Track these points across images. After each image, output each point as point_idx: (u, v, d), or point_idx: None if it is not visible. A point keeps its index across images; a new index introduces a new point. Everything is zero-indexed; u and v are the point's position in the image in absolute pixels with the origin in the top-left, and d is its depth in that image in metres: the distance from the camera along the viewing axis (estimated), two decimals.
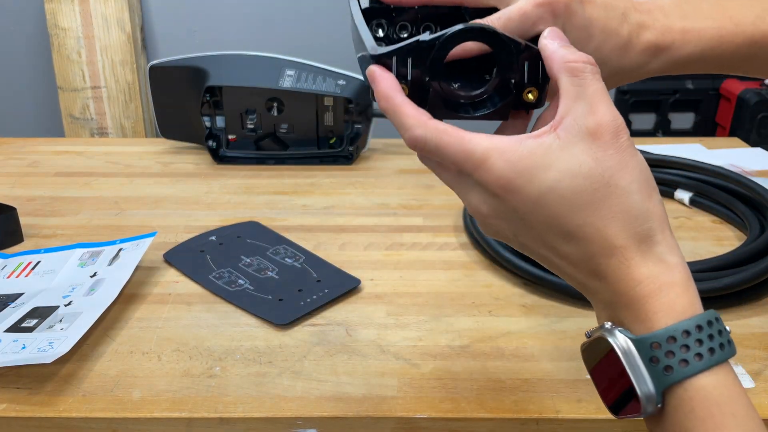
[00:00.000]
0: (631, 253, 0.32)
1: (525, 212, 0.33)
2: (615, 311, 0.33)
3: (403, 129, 0.35)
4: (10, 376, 0.51)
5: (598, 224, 0.32)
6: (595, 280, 0.33)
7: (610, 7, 0.39)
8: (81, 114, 1.87)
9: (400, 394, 0.50)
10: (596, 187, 0.31)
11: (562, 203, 0.32)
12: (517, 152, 0.32)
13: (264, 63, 0.93)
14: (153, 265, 0.68)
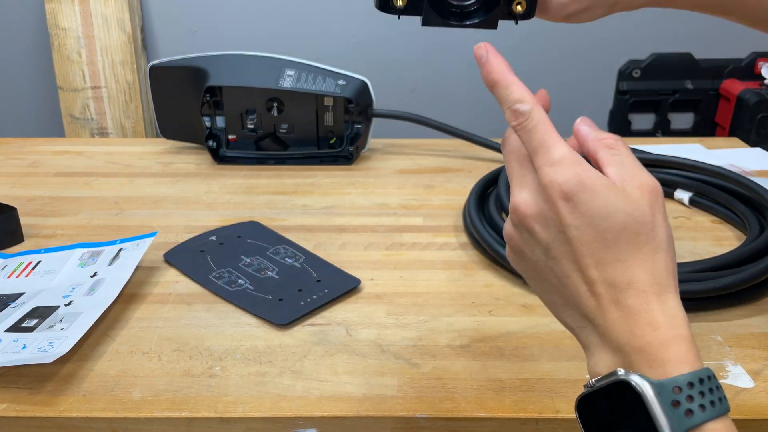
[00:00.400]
0: (652, 298, 0.33)
1: (572, 225, 0.33)
2: (625, 354, 0.33)
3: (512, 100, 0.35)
4: (11, 376, 0.51)
5: (632, 263, 0.33)
6: (614, 312, 0.33)
7: None
8: (81, 114, 1.87)
9: (400, 394, 0.50)
10: (641, 232, 0.33)
11: (611, 231, 0.33)
12: (590, 172, 0.33)
13: (264, 63, 0.93)
14: (153, 265, 0.68)
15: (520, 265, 0.38)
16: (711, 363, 0.53)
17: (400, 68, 1.89)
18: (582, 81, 1.92)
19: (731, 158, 0.96)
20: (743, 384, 0.50)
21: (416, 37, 1.84)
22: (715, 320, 0.58)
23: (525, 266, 0.37)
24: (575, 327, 0.35)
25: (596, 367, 0.34)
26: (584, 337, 0.35)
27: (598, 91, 1.95)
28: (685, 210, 0.80)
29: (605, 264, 0.33)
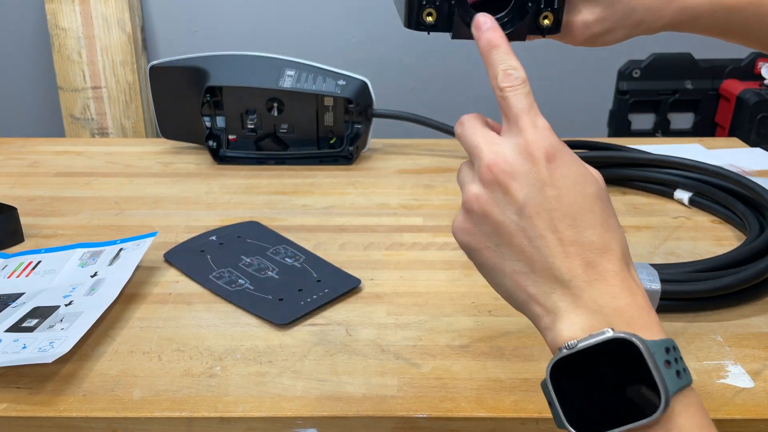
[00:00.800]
0: (625, 266, 0.34)
1: (552, 185, 0.34)
2: (605, 315, 0.33)
3: (508, 65, 0.36)
4: (11, 376, 0.51)
5: (607, 230, 0.34)
6: (591, 274, 0.33)
7: None
8: (81, 114, 1.87)
9: (400, 394, 0.50)
10: (609, 205, 0.35)
11: (588, 197, 0.34)
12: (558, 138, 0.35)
13: (264, 63, 0.93)
14: (153, 265, 0.68)
15: (476, 232, 0.36)
16: (711, 363, 0.53)
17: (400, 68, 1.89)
18: (582, 81, 1.92)
19: (731, 158, 0.96)
20: (743, 384, 0.50)
21: (416, 37, 1.84)
22: (715, 320, 0.58)
23: (485, 230, 0.36)
24: (539, 294, 0.34)
25: (568, 331, 0.33)
26: (550, 303, 0.34)
27: (598, 91, 1.95)
28: (685, 210, 0.80)
29: (583, 227, 0.34)
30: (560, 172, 0.34)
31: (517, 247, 0.35)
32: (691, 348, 0.55)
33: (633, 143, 0.94)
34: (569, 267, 0.33)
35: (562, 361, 0.33)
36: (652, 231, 0.75)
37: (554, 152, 0.34)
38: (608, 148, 0.87)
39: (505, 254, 0.35)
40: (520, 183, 0.34)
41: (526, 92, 0.35)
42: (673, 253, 0.70)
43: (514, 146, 0.35)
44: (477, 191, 0.36)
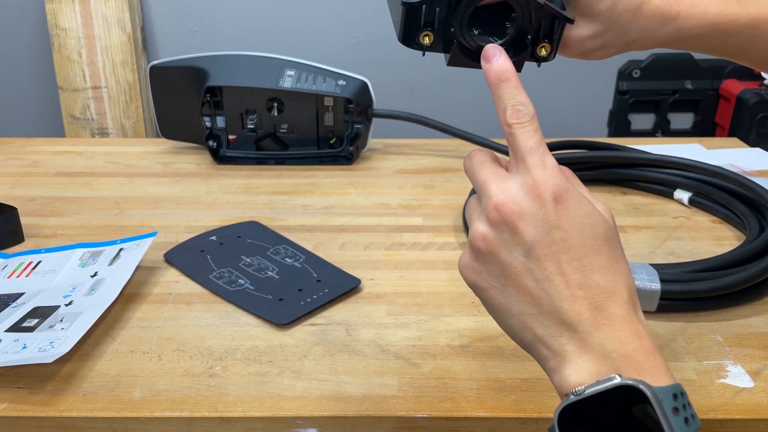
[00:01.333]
0: (632, 309, 0.34)
1: (560, 227, 0.34)
2: (612, 361, 0.32)
3: (517, 100, 0.36)
4: (11, 376, 0.51)
5: (614, 273, 0.34)
6: (598, 318, 0.33)
7: None
8: (81, 114, 1.87)
9: (400, 394, 0.50)
10: (618, 247, 0.35)
11: (596, 239, 0.34)
12: (565, 178, 0.35)
13: (264, 63, 0.93)
14: (153, 265, 0.68)
15: (483, 271, 0.36)
16: (711, 363, 0.53)
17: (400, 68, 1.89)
18: (582, 81, 1.92)
19: (731, 158, 0.96)
20: (743, 384, 0.50)
21: None
22: (715, 320, 0.58)
23: (492, 271, 0.36)
24: (546, 336, 0.34)
25: (575, 376, 0.33)
26: (558, 346, 0.34)
27: (598, 91, 1.95)
28: (685, 210, 0.80)
29: (590, 270, 0.33)
30: (567, 213, 0.34)
31: (524, 289, 0.34)
32: (691, 348, 0.55)
33: (633, 143, 0.94)
34: (577, 311, 0.33)
35: (569, 407, 0.32)
36: (652, 231, 0.75)
37: (562, 193, 0.34)
38: (608, 148, 0.87)
39: (512, 295, 0.35)
40: (528, 224, 0.34)
41: (534, 129, 0.35)
42: (673, 253, 0.70)
43: (521, 185, 0.34)
44: (484, 231, 0.35)
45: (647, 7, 0.42)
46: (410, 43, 0.38)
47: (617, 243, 0.35)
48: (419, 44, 0.38)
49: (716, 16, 0.43)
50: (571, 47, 0.44)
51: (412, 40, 0.38)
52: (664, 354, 0.54)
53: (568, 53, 0.45)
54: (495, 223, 0.35)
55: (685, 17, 0.43)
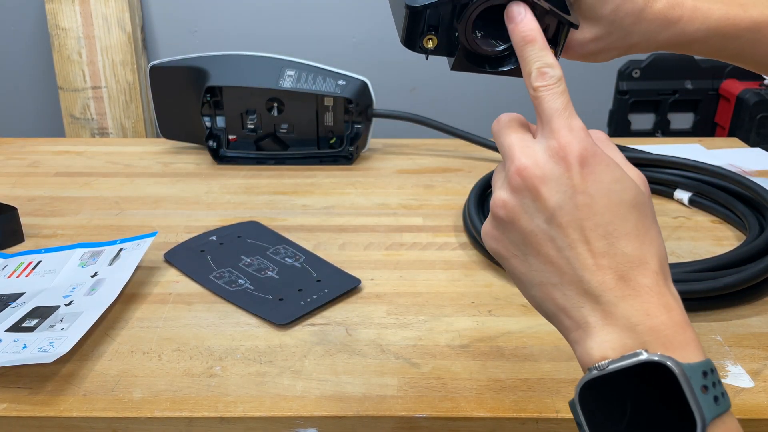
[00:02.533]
0: (662, 280, 0.32)
1: (585, 192, 0.32)
2: (639, 334, 0.31)
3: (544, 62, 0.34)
4: (11, 376, 0.51)
5: (643, 240, 0.32)
6: (624, 289, 0.31)
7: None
8: (81, 114, 1.87)
9: (400, 394, 0.50)
10: (648, 214, 0.33)
11: (623, 205, 0.32)
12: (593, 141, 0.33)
13: (264, 63, 0.93)
14: (153, 265, 0.68)
15: (504, 239, 0.35)
16: None
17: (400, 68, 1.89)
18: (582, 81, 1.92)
19: (731, 158, 0.96)
20: (743, 384, 0.50)
21: None
22: (715, 320, 0.58)
23: (513, 238, 0.34)
24: (569, 307, 0.33)
25: (598, 349, 0.31)
26: (580, 316, 0.32)
27: (598, 91, 1.95)
28: (685, 210, 0.80)
29: (617, 236, 0.32)
30: (594, 177, 0.32)
31: (545, 257, 0.33)
32: None
33: (633, 143, 0.94)
34: (601, 280, 0.32)
35: (591, 381, 0.31)
36: None
37: (588, 156, 0.32)
38: None
39: (533, 264, 0.34)
40: (551, 189, 0.32)
41: (561, 91, 0.34)
42: (673, 253, 0.70)
43: (546, 149, 0.33)
44: (505, 197, 0.34)
45: (650, 11, 0.42)
46: (413, 46, 0.38)
47: (648, 210, 0.33)
48: (422, 48, 0.38)
49: (718, 20, 0.43)
50: (573, 50, 0.44)
51: (416, 43, 0.38)
52: None
53: (570, 56, 0.45)
54: (516, 189, 0.33)
55: (687, 21, 0.42)
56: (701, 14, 0.42)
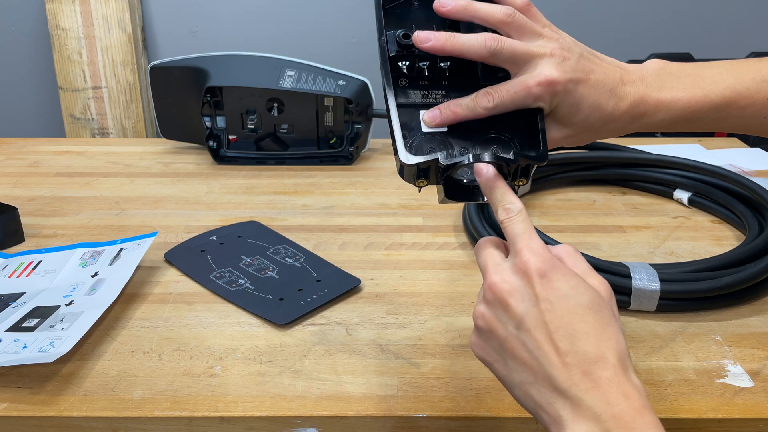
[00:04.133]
0: (620, 371, 0.35)
1: (546, 299, 0.36)
2: (602, 422, 0.34)
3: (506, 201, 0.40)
4: (12, 376, 0.52)
5: (600, 338, 0.36)
6: (587, 383, 0.35)
7: (600, 84, 0.44)
8: (82, 114, 1.87)
9: (400, 394, 0.50)
10: (605, 313, 0.37)
11: (579, 308, 0.36)
12: (560, 261, 0.38)
13: (264, 63, 0.93)
14: (154, 265, 0.68)
15: (487, 347, 0.39)
16: (710, 363, 0.53)
17: None
18: None
19: (731, 158, 0.96)
20: (742, 383, 0.50)
21: None
22: (715, 320, 0.58)
23: (494, 345, 0.39)
24: (544, 403, 0.36)
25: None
26: (554, 411, 0.36)
27: None
28: (685, 210, 0.80)
29: (576, 337, 0.35)
30: (552, 286, 0.36)
31: (520, 359, 0.37)
32: (690, 348, 0.55)
33: (633, 143, 0.94)
34: (567, 376, 0.35)
35: None
36: (652, 231, 0.75)
37: (546, 269, 0.37)
38: (608, 148, 0.87)
39: (512, 366, 0.38)
40: (517, 299, 0.37)
41: (521, 219, 0.39)
42: (672, 253, 0.70)
43: (511, 266, 0.38)
44: (482, 309, 0.39)
45: (617, 113, 0.45)
46: (409, 181, 0.44)
47: (606, 311, 0.37)
48: (416, 185, 0.44)
49: (681, 108, 0.46)
50: (549, 144, 0.47)
51: (410, 182, 0.44)
52: (663, 354, 0.54)
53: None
54: (490, 302, 0.39)
55: (652, 113, 0.45)
56: (664, 106, 0.45)
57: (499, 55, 0.43)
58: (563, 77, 0.43)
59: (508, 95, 0.43)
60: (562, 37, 0.45)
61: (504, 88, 0.43)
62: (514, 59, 0.43)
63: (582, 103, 0.44)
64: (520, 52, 0.43)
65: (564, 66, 0.43)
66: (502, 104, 0.43)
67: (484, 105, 0.43)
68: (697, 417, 0.48)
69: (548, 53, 0.43)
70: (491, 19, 0.44)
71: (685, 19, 1.86)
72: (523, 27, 0.44)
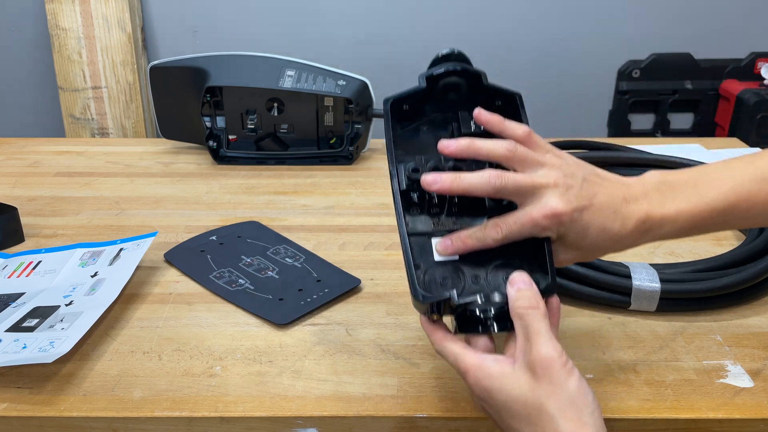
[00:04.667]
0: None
1: (494, 410, 0.41)
2: None
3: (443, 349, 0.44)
4: (11, 376, 0.52)
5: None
6: None
7: (604, 207, 0.44)
8: (82, 114, 1.87)
9: (400, 394, 0.50)
10: (530, 412, 0.39)
11: (512, 416, 0.40)
12: (485, 372, 0.41)
13: (264, 63, 0.93)
14: (153, 265, 0.68)
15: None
16: (711, 363, 0.53)
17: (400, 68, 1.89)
18: (582, 81, 1.92)
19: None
20: (742, 384, 0.50)
21: (416, 38, 1.84)
22: (715, 320, 0.58)
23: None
24: None
25: None
26: None
27: (598, 91, 1.95)
28: None
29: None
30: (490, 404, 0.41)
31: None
32: (691, 348, 0.55)
33: (633, 143, 0.94)
34: None
35: None
36: None
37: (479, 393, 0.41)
38: (608, 148, 0.87)
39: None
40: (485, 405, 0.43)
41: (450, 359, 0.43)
42: (673, 253, 0.70)
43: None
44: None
45: (624, 233, 0.45)
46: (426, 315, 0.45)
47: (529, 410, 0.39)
48: (431, 318, 0.45)
49: (685, 220, 0.45)
50: (557, 265, 0.47)
51: (426, 316, 0.45)
52: (664, 354, 0.54)
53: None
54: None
55: (657, 228, 0.45)
56: (669, 220, 0.45)
57: (504, 191, 0.44)
58: (568, 207, 0.43)
59: (515, 226, 0.44)
60: (564, 163, 0.45)
61: (511, 219, 0.44)
62: (519, 192, 0.44)
63: (589, 229, 0.44)
64: (524, 186, 0.44)
65: (568, 195, 0.43)
66: (510, 235, 0.44)
67: (493, 236, 0.44)
68: (697, 417, 0.48)
69: (552, 183, 0.44)
70: (494, 156, 0.45)
71: (685, 19, 1.86)
72: (525, 159, 0.44)
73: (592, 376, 0.51)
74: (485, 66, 0.50)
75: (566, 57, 1.89)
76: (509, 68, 1.85)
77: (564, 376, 0.39)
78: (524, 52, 1.88)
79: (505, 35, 1.87)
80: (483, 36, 1.87)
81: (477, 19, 1.86)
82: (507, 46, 1.87)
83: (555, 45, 1.88)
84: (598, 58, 1.90)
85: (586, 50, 1.89)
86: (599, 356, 0.54)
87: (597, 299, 0.59)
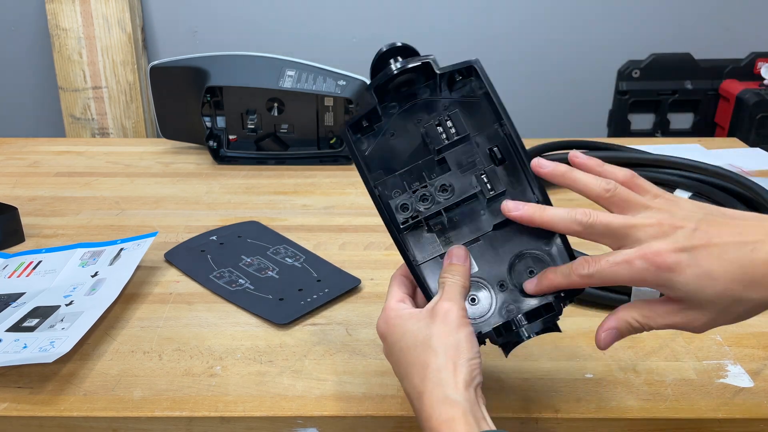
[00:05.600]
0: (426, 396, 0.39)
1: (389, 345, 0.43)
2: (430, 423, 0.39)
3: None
4: (12, 376, 0.52)
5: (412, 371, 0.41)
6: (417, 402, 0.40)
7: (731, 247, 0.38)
8: (82, 114, 1.87)
9: (401, 393, 0.50)
10: (418, 344, 0.41)
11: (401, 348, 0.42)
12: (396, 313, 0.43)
13: (264, 63, 0.93)
14: (154, 265, 0.68)
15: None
16: (711, 363, 0.53)
17: None
18: (582, 81, 1.92)
19: (731, 158, 0.96)
20: (742, 384, 0.50)
21: (416, 37, 1.84)
22: None
23: None
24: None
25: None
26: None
27: (598, 91, 1.95)
28: None
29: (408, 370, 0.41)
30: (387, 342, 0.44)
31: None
32: (691, 348, 0.55)
33: (633, 143, 0.94)
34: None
35: None
36: None
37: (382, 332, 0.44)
38: (608, 148, 0.87)
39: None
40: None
41: None
42: None
43: None
44: None
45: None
46: None
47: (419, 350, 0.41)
48: None
49: None
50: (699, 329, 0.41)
51: None
52: (664, 354, 0.54)
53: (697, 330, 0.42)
54: None
55: None
56: None
57: (592, 230, 0.41)
58: (671, 247, 0.38)
59: (606, 265, 0.40)
60: (677, 206, 0.40)
61: (604, 258, 0.40)
62: (610, 232, 0.40)
63: (712, 274, 0.38)
64: (616, 226, 0.40)
65: (674, 236, 0.38)
66: (599, 273, 0.40)
67: (580, 272, 0.41)
68: (697, 417, 0.48)
69: (654, 224, 0.39)
70: (589, 193, 0.42)
71: (685, 19, 1.86)
72: (626, 201, 0.41)
73: (592, 376, 0.51)
74: (485, 66, 0.50)
75: (566, 57, 1.89)
76: (509, 68, 1.85)
77: (458, 324, 0.41)
78: (524, 53, 1.88)
79: (505, 35, 1.87)
80: (483, 36, 1.87)
81: (477, 19, 1.86)
82: (507, 47, 1.87)
83: (555, 45, 1.88)
84: (598, 58, 1.90)
85: (586, 50, 1.89)
86: (599, 356, 0.54)
87: (597, 299, 0.59)
